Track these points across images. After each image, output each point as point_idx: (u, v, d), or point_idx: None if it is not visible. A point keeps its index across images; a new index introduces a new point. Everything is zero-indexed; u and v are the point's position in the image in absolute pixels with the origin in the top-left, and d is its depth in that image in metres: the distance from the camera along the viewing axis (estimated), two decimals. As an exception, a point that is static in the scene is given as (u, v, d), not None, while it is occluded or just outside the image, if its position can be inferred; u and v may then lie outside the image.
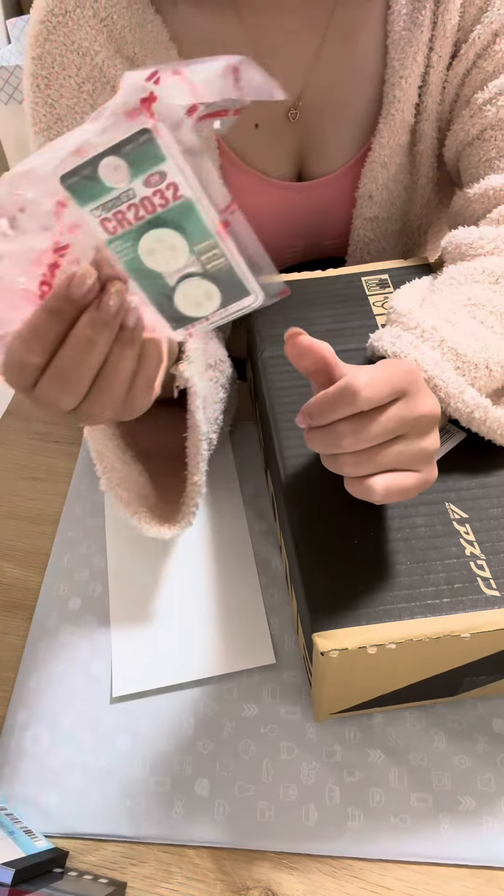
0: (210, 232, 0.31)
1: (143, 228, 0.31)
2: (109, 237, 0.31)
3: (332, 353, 0.38)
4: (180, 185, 0.29)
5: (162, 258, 0.32)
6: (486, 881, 0.44)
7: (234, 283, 0.33)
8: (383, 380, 0.36)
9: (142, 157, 0.29)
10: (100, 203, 0.30)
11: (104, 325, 0.32)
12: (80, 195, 0.30)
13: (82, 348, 0.33)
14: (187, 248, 0.31)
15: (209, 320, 0.34)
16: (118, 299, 0.32)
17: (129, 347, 0.34)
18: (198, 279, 0.33)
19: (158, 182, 0.29)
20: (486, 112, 0.57)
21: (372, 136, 0.62)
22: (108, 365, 0.35)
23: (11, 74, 1.93)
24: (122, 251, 0.32)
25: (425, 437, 0.39)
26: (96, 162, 0.29)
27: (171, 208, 0.30)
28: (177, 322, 0.34)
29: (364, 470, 0.37)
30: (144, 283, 0.33)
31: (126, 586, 0.58)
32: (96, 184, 0.29)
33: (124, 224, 0.31)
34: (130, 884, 0.44)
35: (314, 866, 0.45)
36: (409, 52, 0.57)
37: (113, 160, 0.29)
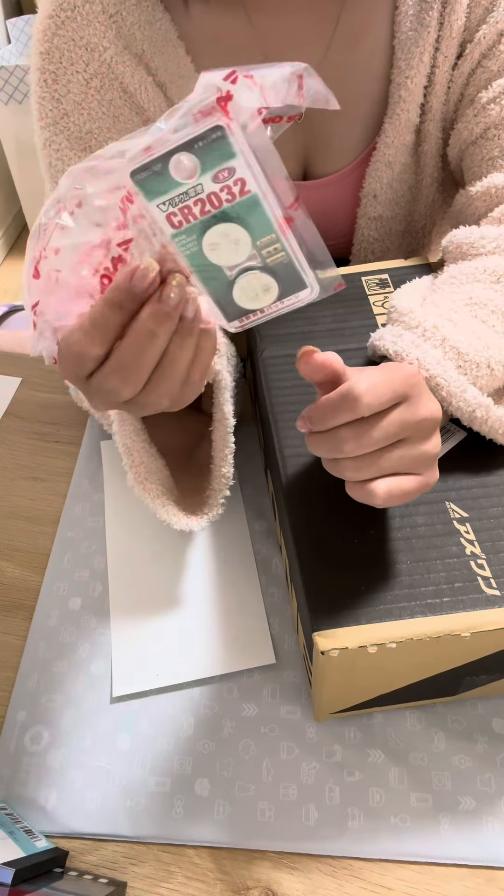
0: (273, 227, 0.31)
1: (208, 223, 0.31)
2: (174, 232, 0.32)
3: (341, 363, 0.38)
4: (248, 181, 0.30)
5: (225, 252, 0.32)
6: (486, 881, 0.44)
7: (292, 276, 0.33)
8: (384, 385, 0.36)
9: (213, 153, 0.29)
10: (167, 198, 0.31)
11: (166, 316, 0.33)
12: (149, 190, 0.30)
13: (144, 340, 0.33)
14: (251, 242, 0.32)
15: (264, 313, 0.35)
16: (180, 292, 0.33)
17: (188, 338, 0.35)
18: (257, 272, 0.33)
19: (227, 178, 0.30)
20: (490, 111, 0.58)
21: (377, 136, 0.63)
22: (167, 355, 0.35)
23: (11, 74, 1.93)
24: (186, 245, 0.32)
25: (427, 440, 0.39)
26: (167, 158, 0.29)
27: (237, 203, 0.31)
28: (231, 314, 0.35)
29: (365, 474, 0.38)
30: (204, 277, 0.33)
31: (126, 586, 0.58)
32: (165, 179, 0.30)
33: (189, 219, 0.31)
34: (130, 884, 0.44)
35: (314, 866, 0.45)
36: (415, 52, 0.57)
37: (184, 156, 0.29)
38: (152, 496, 0.53)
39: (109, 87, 0.56)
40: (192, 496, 0.57)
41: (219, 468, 0.54)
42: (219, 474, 0.54)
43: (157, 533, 0.61)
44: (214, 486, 0.55)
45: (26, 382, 0.76)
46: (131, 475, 0.53)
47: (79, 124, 0.57)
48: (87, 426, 0.71)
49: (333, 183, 0.66)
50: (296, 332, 0.58)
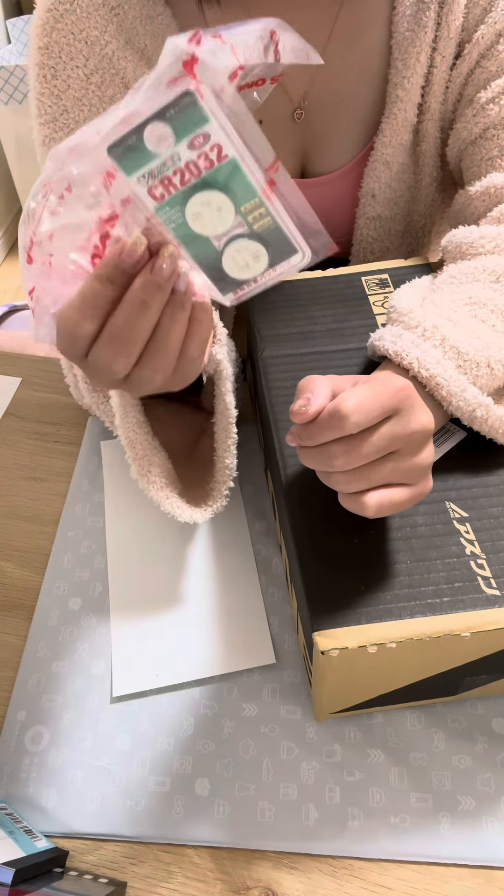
0: (256, 191, 0.31)
1: (189, 193, 0.31)
2: (157, 204, 0.31)
3: (327, 395, 0.39)
4: (224, 146, 0.30)
5: (209, 221, 0.32)
6: (486, 881, 0.44)
7: (281, 241, 0.33)
8: (372, 401, 0.36)
9: (185, 119, 0.29)
10: (146, 170, 0.30)
11: (157, 287, 0.33)
12: (127, 164, 0.30)
13: (136, 311, 0.34)
14: (234, 208, 0.31)
15: (258, 282, 0.35)
16: (171, 262, 0.33)
17: (181, 310, 0.35)
18: (245, 240, 0.33)
19: (202, 144, 0.29)
20: (489, 111, 0.58)
21: (375, 135, 0.63)
22: (160, 328, 0.35)
23: (11, 74, 1.93)
24: (170, 218, 0.32)
25: (418, 452, 0.39)
26: (141, 129, 0.29)
27: (217, 169, 0.30)
28: (226, 285, 0.35)
29: (356, 487, 0.38)
30: (193, 249, 0.33)
31: (126, 586, 0.58)
32: (142, 151, 0.30)
33: (171, 190, 0.31)
34: (130, 884, 0.44)
35: (314, 866, 0.45)
36: (412, 52, 0.57)
37: (157, 126, 0.29)
38: (156, 488, 0.53)
39: (111, 82, 0.56)
40: (194, 489, 0.57)
41: (222, 459, 0.54)
42: (222, 465, 0.55)
43: (158, 533, 0.61)
44: (218, 478, 0.55)
45: (26, 382, 0.76)
46: (134, 468, 0.53)
47: (79, 121, 0.57)
48: (87, 426, 0.71)
49: (332, 182, 0.66)
50: (296, 332, 0.58)
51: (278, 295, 0.61)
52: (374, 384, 0.38)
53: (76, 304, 0.34)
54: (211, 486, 0.56)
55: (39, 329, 0.37)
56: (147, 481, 0.53)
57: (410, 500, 0.39)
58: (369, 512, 0.38)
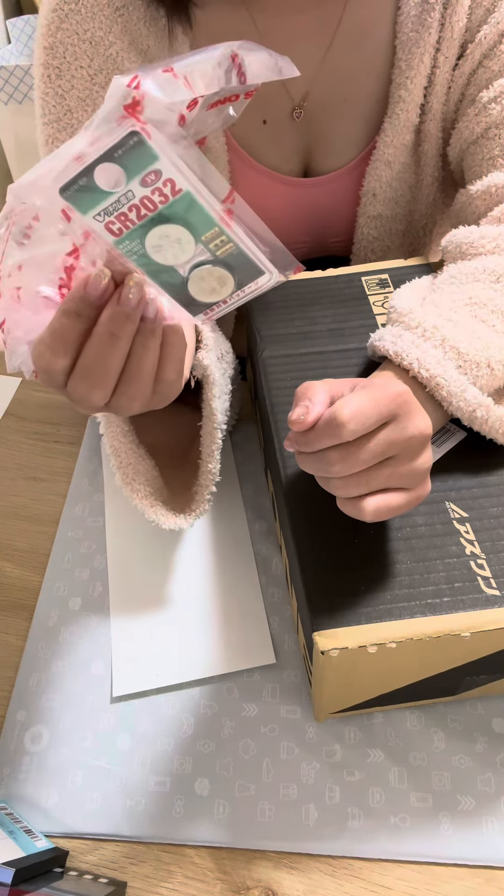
0: (214, 220, 0.31)
1: (148, 226, 0.31)
2: (116, 239, 0.31)
3: (331, 395, 0.39)
4: (177, 181, 0.29)
5: (170, 252, 0.32)
6: (486, 881, 0.44)
7: (246, 265, 0.33)
8: (370, 407, 0.36)
9: (134, 158, 0.29)
10: (101, 209, 0.30)
11: (126, 318, 0.33)
12: (80, 204, 0.30)
13: (106, 344, 0.33)
14: (193, 239, 0.31)
15: (227, 303, 0.34)
16: (137, 291, 0.32)
17: (151, 338, 0.35)
18: (209, 267, 0.33)
19: (155, 180, 0.29)
20: (491, 110, 0.58)
21: (377, 135, 0.63)
22: (132, 357, 0.35)
23: (11, 74, 1.93)
24: (131, 250, 0.32)
25: (416, 457, 0.39)
26: (90, 170, 0.29)
27: (172, 203, 0.30)
28: (195, 308, 0.35)
29: (354, 492, 0.38)
30: (157, 278, 0.33)
31: (126, 586, 0.58)
32: (94, 191, 0.29)
33: (128, 225, 0.31)
34: (130, 884, 0.44)
35: (314, 866, 0.45)
36: (416, 53, 0.57)
37: (107, 166, 0.29)
38: (140, 496, 0.53)
39: None
40: (183, 494, 0.57)
41: (206, 464, 0.54)
42: (205, 470, 0.55)
43: (158, 533, 0.61)
44: (201, 482, 0.55)
45: (26, 382, 0.76)
46: (119, 476, 0.53)
47: (82, 121, 0.57)
48: (87, 426, 0.71)
49: (334, 181, 0.66)
50: (296, 332, 0.58)
51: (278, 295, 0.61)
52: (372, 390, 0.38)
53: (47, 341, 0.34)
54: (194, 490, 0.56)
55: (13, 359, 0.37)
56: (131, 489, 0.53)
57: (408, 505, 0.39)
58: (367, 517, 0.38)
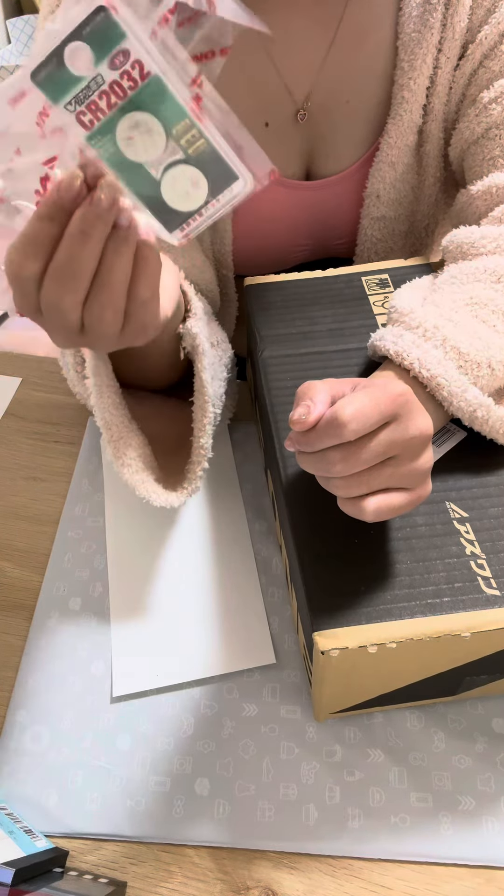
0: (184, 110, 0.31)
1: (118, 117, 0.31)
2: (88, 134, 0.31)
3: (332, 395, 0.39)
4: (145, 62, 0.29)
5: (141, 145, 0.32)
6: (486, 881, 0.44)
7: (219, 166, 0.32)
8: (371, 408, 0.36)
9: (102, 36, 0.29)
10: (72, 96, 0.30)
11: (97, 218, 0.33)
12: (52, 91, 0.30)
13: (76, 242, 0.33)
14: (164, 130, 0.31)
15: (202, 215, 0.34)
16: (110, 192, 0.32)
17: (124, 244, 0.35)
18: (181, 166, 0.32)
19: (124, 62, 0.29)
20: (492, 111, 0.58)
21: (380, 136, 0.63)
22: (104, 261, 0.35)
23: (11, 74, 1.93)
24: (103, 146, 0.32)
25: (417, 457, 0.39)
26: (60, 51, 0.29)
27: (141, 89, 0.30)
28: (170, 220, 0.34)
29: (355, 492, 0.38)
30: (130, 179, 0.33)
31: (126, 586, 0.58)
32: (64, 75, 0.30)
33: (99, 115, 0.31)
34: (130, 884, 0.44)
35: (314, 866, 0.45)
36: (418, 53, 0.57)
37: (75, 45, 0.29)
38: (131, 471, 0.52)
39: None
40: (175, 476, 0.57)
41: (197, 439, 0.54)
42: (197, 445, 0.54)
43: (158, 533, 0.61)
44: (193, 458, 0.55)
45: (26, 382, 0.76)
46: (110, 450, 0.52)
47: None
48: (87, 426, 0.71)
49: (337, 183, 0.66)
50: (296, 332, 0.58)
51: (278, 295, 0.61)
52: (372, 390, 0.38)
53: (19, 246, 0.34)
54: (187, 467, 0.56)
55: (3, 297, 0.37)
56: (122, 464, 0.52)
57: (409, 505, 0.39)
58: (368, 517, 0.38)
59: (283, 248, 0.73)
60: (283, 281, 0.63)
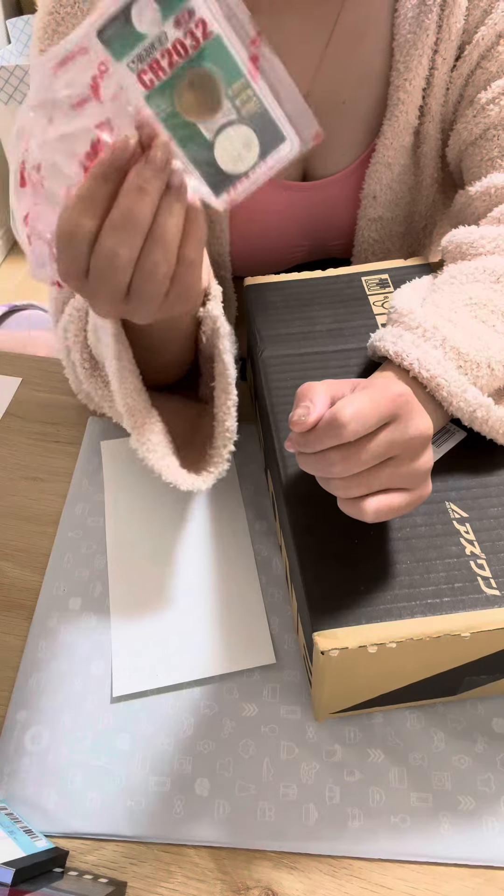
0: (241, 70, 0.31)
1: (179, 76, 0.31)
2: (147, 93, 0.32)
3: (332, 396, 0.39)
4: (209, 21, 0.30)
5: (198, 104, 0.32)
6: (486, 881, 0.44)
7: (269, 127, 0.33)
8: (370, 408, 0.37)
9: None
10: (135, 53, 0.31)
11: (153, 175, 0.34)
12: (116, 48, 0.30)
13: (134, 197, 0.34)
14: (222, 89, 0.32)
15: (249, 178, 0.35)
16: (165, 151, 0.33)
17: (177, 202, 0.35)
18: (235, 125, 0.33)
19: (188, 21, 0.30)
20: (489, 111, 0.58)
21: (376, 137, 0.63)
22: (158, 217, 0.36)
23: (11, 74, 1.93)
24: (161, 107, 0.32)
25: (417, 458, 0.39)
26: (128, 8, 0.29)
27: (202, 49, 0.31)
28: (219, 183, 0.35)
29: (355, 492, 0.38)
30: (184, 141, 0.33)
31: (126, 586, 0.58)
32: (130, 33, 0.30)
33: (160, 74, 0.31)
34: (130, 884, 0.44)
35: (314, 866, 0.45)
36: (414, 55, 0.57)
37: (143, 3, 0.29)
38: (157, 456, 0.52)
39: None
40: (193, 466, 0.56)
41: (222, 423, 0.54)
42: (222, 429, 0.54)
43: (158, 533, 0.61)
44: (218, 443, 0.54)
45: (26, 382, 0.76)
46: (134, 435, 0.52)
47: None
48: (87, 426, 0.71)
49: (333, 184, 0.66)
50: (296, 332, 0.58)
51: (278, 295, 0.61)
52: (372, 391, 0.38)
53: (74, 205, 0.35)
54: (210, 452, 0.55)
55: (38, 269, 0.37)
56: (147, 449, 0.52)
57: (409, 505, 0.39)
58: (368, 517, 0.38)
59: (281, 248, 0.73)
60: (283, 281, 0.63)
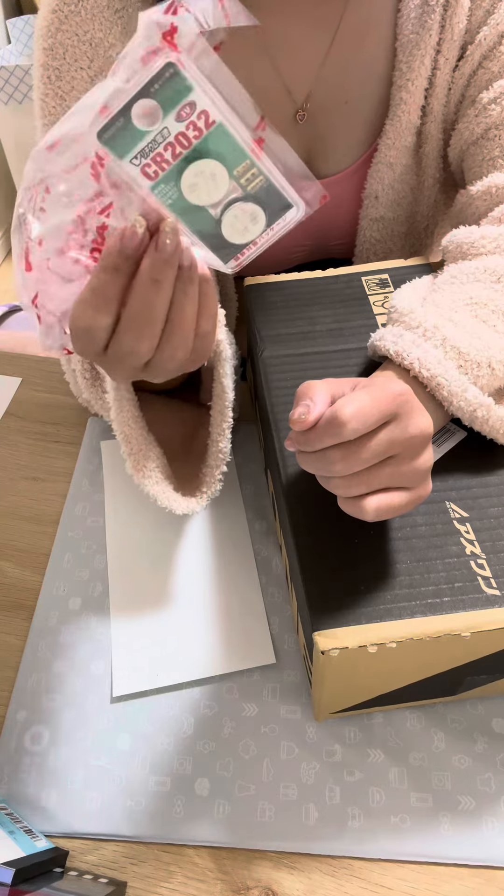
0: (246, 152, 0.31)
1: (182, 166, 0.31)
2: (151, 184, 0.32)
3: (332, 394, 0.39)
4: (211, 112, 0.30)
5: (205, 190, 0.32)
6: (486, 881, 0.44)
7: (275, 198, 0.33)
8: (370, 406, 0.37)
9: (170, 91, 0.29)
10: (137, 151, 0.31)
11: (165, 263, 0.33)
12: (118, 147, 0.30)
13: (150, 291, 0.34)
14: (227, 174, 0.32)
15: (257, 245, 0.35)
16: (174, 237, 0.33)
17: (190, 285, 0.35)
18: (241, 203, 0.33)
19: (190, 114, 0.30)
20: (491, 111, 0.58)
21: (378, 137, 0.63)
22: (175, 305, 0.35)
23: (11, 74, 1.93)
24: (166, 194, 0.32)
25: (417, 456, 0.39)
26: (128, 109, 0.29)
27: (206, 137, 0.31)
28: (226, 253, 0.35)
29: (355, 491, 0.38)
30: (191, 222, 0.33)
31: (126, 586, 0.58)
32: (131, 131, 0.30)
33: (164, 166, 0.31)
34: (130, 884, 0.44)
35: (314, 866, 0.45)
36: (416, 55, 0.57)
37: (144, 103, 0.29)
38: (152, 482, 0.53)
39: None
40: (190, 482, 0.57)
41: (216, 443, 0.54)
42: (216, 450, 0.54)
43: (158, 533, 0.61)
44: (211, 463, 0.55)
45: (26, 382, 0.76)
46: (130, 462, 0.52)
47: None
48: (87, 426, 0.71)
49: (335, 184, 0.66)
50: (296, 332, 0.58)
51: (278, 295, 0.61)
52: (372, 389, 0.38)
53: (88, 300, 0.34)
54: (204, 471, 0.56)
55: (47, 337, 0.37)
56: (143, 476, 0.52)
57: (409, 504, 0.39)
58: (368, 516, 0.38)
59: (282, 248, 0.73)
60: (283, 281, 0.63)
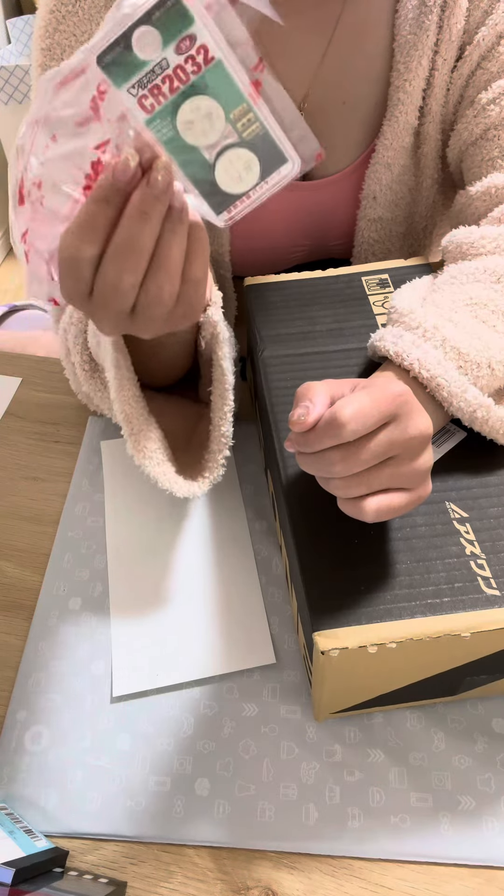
0: (243, 95, 0.31)
1: (179, 101, 0.31)
2: (147, 117, 0.31)
3: (332, 395, 0.39)
4: (210, 47, 0.30)
5: (200, 129, 0.32)
6: (486, 881, 0.44)
7: (270, 149, 0.33)
8: (370, 407, 0.37)
9: (171, 21, 0.29)
10: (136, 80, 0.30)
11: (155, 199, 0.33)
12: (117, 75, 0.30)
13: (136, 222, 0.34)
14: (223, 114, 0.32)
15: (250, 198, 0.35)
16: (166, 174, 0.33)
17: (179, 224, 0.35)
18: (236, 149, 0.33)
19: (189, 47, 0.30)
20: (490, 112, 0.58)
21: (376, 138, 0.63)
22: (161, 241, 0.35)
23: (11, 74, 1.93)
24: (161, 130, 0.32)
25: (417, 457, 0.39)
26: (129, 35, 0.29)
27: (204, 74, 0.31)
28: (219, 202, 0.35)
29: (355, 492, 0.38)
30: (185, 163, 0.33)
31: (126, 586, 0.58)
32: (130, 59, 0.30)
33: (160, 99, 0.31)
34: (130, 884, 0.44)
35: (314, 866, 0.45)
36: (414, 55, 0.57)
37: (144, 30, 0.29)
38: (153, 463, 0.52)
39: None
40: (191, 469, 0.56)
41: (217, 427, 0.54)
42: (218, 434, 0.54)
43: (158, 533, 0.61)
44: (213, 447, 0.55)
45: (26, 382, 0.76)
46: (130, 443, 0.52)
47: None
48: (87, 426, 0.71)
49: (333, 184, 0.66)
50: (296, 332, 0.58)
51: (278, 295, 0.61)
52: (372, 390, 0.38)
53: (75, 230, 0.34)
54: (206, 457, 0.55)
55: (33, 285, 0.37)
56: (143, 456, 0.52)
57: (409, 505, 0.39)
58: (368, 517, 0.38)
59: (281, 248, 0.73)
60: (283, 281, 0.63)
